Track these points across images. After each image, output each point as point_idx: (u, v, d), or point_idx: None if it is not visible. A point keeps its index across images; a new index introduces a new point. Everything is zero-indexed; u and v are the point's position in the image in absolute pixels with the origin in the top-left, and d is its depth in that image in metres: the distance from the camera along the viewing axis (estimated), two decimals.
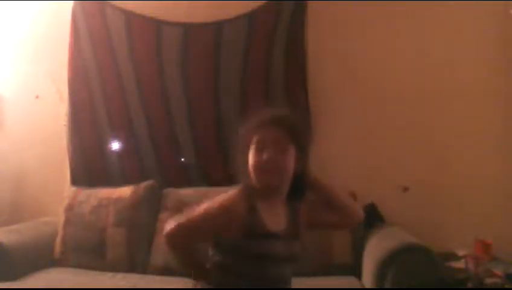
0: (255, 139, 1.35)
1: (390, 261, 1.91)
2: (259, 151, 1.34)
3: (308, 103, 2.59)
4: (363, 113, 2.62)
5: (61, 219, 2.55)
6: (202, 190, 2.49)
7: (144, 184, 2.56)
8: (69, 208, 2.55)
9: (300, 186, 1.43)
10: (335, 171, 2.48)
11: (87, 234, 2.46)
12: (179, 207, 2.42)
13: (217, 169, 2.60)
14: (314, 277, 2.13)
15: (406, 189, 2.57)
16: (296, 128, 1.39)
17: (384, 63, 2.63)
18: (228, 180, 1.80)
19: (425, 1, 2.56)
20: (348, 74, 2.64)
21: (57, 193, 2.75)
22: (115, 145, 2.74)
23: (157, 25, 2.71)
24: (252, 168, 1.34)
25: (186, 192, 2.50)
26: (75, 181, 2.73)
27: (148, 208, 2.50)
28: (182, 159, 2.70)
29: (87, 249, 2.44)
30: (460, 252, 2.29)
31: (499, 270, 2.08)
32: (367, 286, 2.05)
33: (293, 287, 1.46)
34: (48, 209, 2.80)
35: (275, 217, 1.38)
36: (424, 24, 2.61)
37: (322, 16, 2.62)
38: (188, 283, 2.18)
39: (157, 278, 2.27)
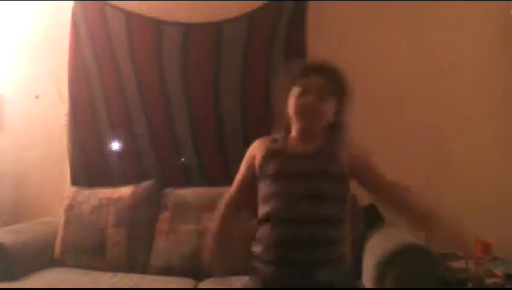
0: (299, 83, 1.42)
1: (390, 262, 1.91)
2: (301, 96, 1.41)
3: None
4: (363, 113, 2.60)
5: (61, 219, 2.55)
6: (202, 189, 2.49)
7: (143, 184, 2.56)
8: (69, 208, 2.55)
9: (337, 136, 1.50)
10: None
11: (87, 234, 2.46)
12: (179, 207, 2.48)
13: (217, 169, 2.61)
14: None
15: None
16: (337, 79, 1.48)
17: (384, 63, 2.62)
18: (228, 180, 1.79)
19: (426, 1, 2.56)
20: (347, 74, 2.63)
21: (57, 193, 2.75)
22: (115, 146, 2.74)
23: (157, 25, 2.71)
24: (294, 110, 1.42)
25: (186, 192, 2.50)
26: (75, 181, 2.72)
27: (148, 208, 2.50)
28: (182, 159, 2.70)
29: (87, 249, 2.44)
30: (461, 252, 2.28)
31: (498, 270, 2.08)
32: (367, 286, 2.04)
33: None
34: (48, 209, 2.81)
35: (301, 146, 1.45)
36: (424, 24, 2.61)
37: (322, 16, 2.62)
38: (188, 283, 2.20)
39: (157, 278, 2.27)
